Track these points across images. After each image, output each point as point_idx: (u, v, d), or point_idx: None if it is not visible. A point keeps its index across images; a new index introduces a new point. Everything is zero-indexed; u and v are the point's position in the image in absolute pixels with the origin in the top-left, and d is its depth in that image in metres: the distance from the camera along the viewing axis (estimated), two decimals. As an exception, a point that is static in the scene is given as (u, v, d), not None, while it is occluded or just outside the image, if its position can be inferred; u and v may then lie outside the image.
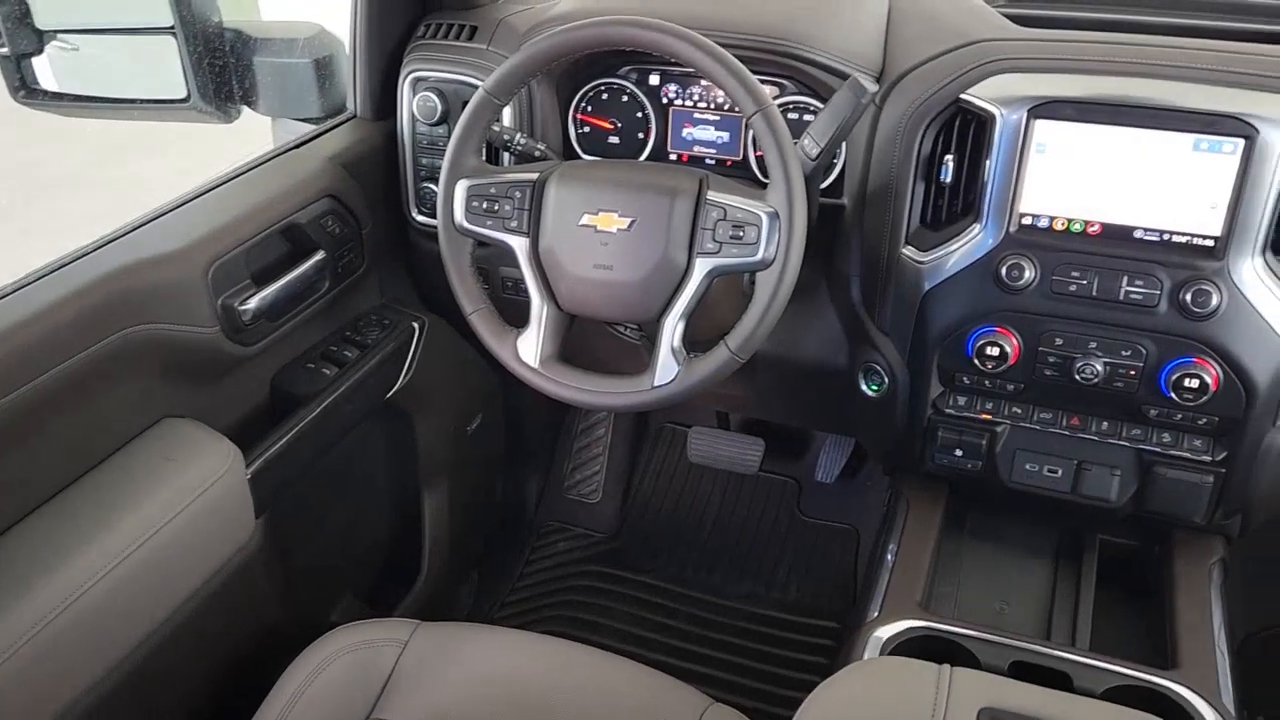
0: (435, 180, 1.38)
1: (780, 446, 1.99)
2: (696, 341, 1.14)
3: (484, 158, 1.20)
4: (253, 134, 1.59)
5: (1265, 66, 1.05)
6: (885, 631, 1.13)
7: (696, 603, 1.87)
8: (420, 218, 1.45)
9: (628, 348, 1.42)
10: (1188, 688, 1.04)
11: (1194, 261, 1.08)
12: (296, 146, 1.39)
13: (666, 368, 1.11)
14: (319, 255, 1.31)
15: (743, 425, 2.02)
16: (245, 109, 1.47)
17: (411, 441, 1.58)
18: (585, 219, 1.11)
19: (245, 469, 1.16)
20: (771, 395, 1.53)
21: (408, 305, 1.53)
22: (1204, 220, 1.07)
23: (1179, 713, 1.02)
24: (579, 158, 1.38)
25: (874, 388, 1.30)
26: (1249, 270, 1.06)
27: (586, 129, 1.38)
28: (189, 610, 1.13)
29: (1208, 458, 1.16)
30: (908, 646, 1.12)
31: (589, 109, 1.37)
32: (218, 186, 1.27)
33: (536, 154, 1.29)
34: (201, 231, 1.17)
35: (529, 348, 1.16)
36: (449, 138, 1.17)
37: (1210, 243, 1.07)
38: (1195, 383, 1.09)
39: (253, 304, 1.20)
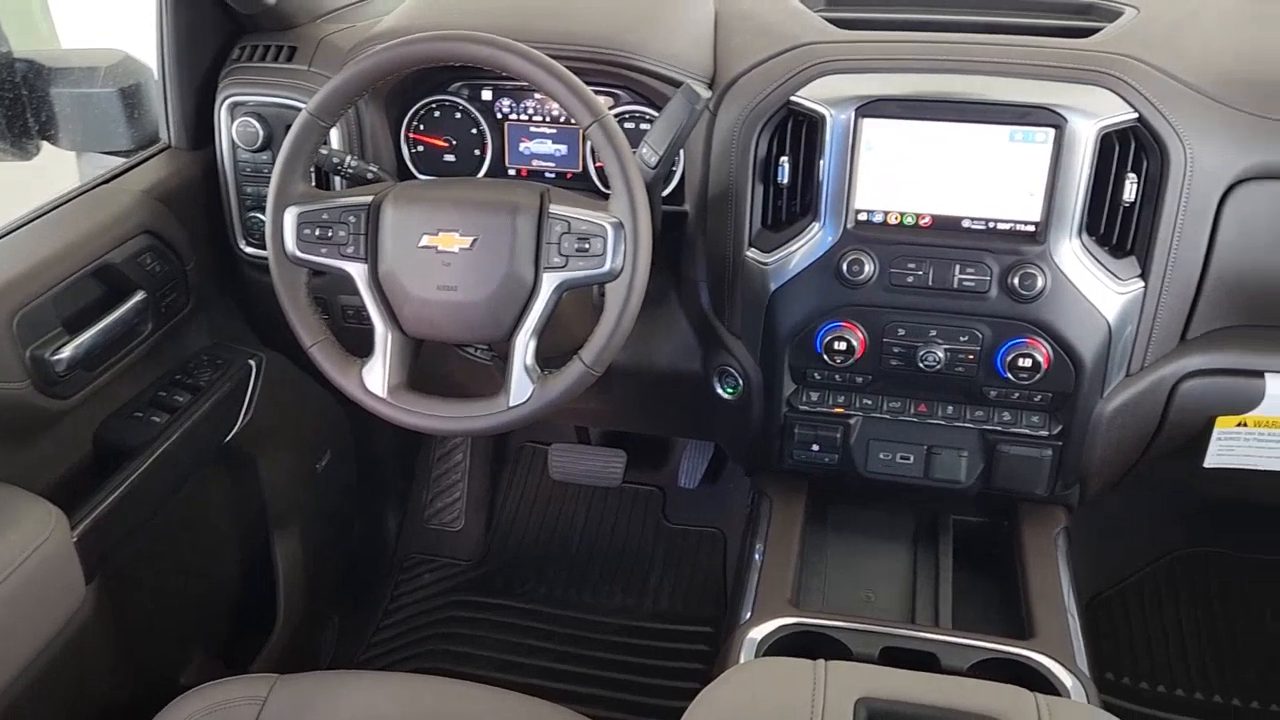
0: (262, 209, 1.31)
1: (642, 456, 1.99)
2: (550, 358, 1.12)
3: (313, 183, 1.15)
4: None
5: (1070, 60, 1.12)
6: (758, 632, 1.13)
7: (570, 621, 1.84)
8: (249, 249, 1.38)
9: (480, 369, 1.38)
10: (1045, 655, 1.09)
11: (1018, 247, 1.13)
12: (106, 181, 1.30)
13: (521, 387, 1.09)
14: (138, 296, 1.22)
15: (603, 438, 2.01)
16: (47, 144, 1.36)
17: (257, 485, 1.50)
18: (425, 240, 1.08)
19: (70, 532, 1.07)
20: (629, 406, 1.52)
21: (242, 343, 1.45)
22: (1025, 207, 1.12)
23: (1039, 679, 1.06)
24: (414, 178, 1.34)
25: (729, 390, 1.31)
26: (1068, 252, 1.12)
27: (420, 148, 1.34)
28: (18, 691, 1.03)
29: (1045, 433, 1.22)
30: (781, 645, 1.12)
31: (421, 127, 1.34)
32: (17, 229, 1.17)
33: (369, 176, 1.25)
34: (0, 279, 1.07)
35: (375, 377, 1.11)
36: (274, 164, 1.11)
37: (1032, 228, 1.12)
38: (1028, 362, 1.14)
39: (66, 353, 1.11)
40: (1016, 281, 1.12)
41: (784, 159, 1.17)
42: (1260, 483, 1.26)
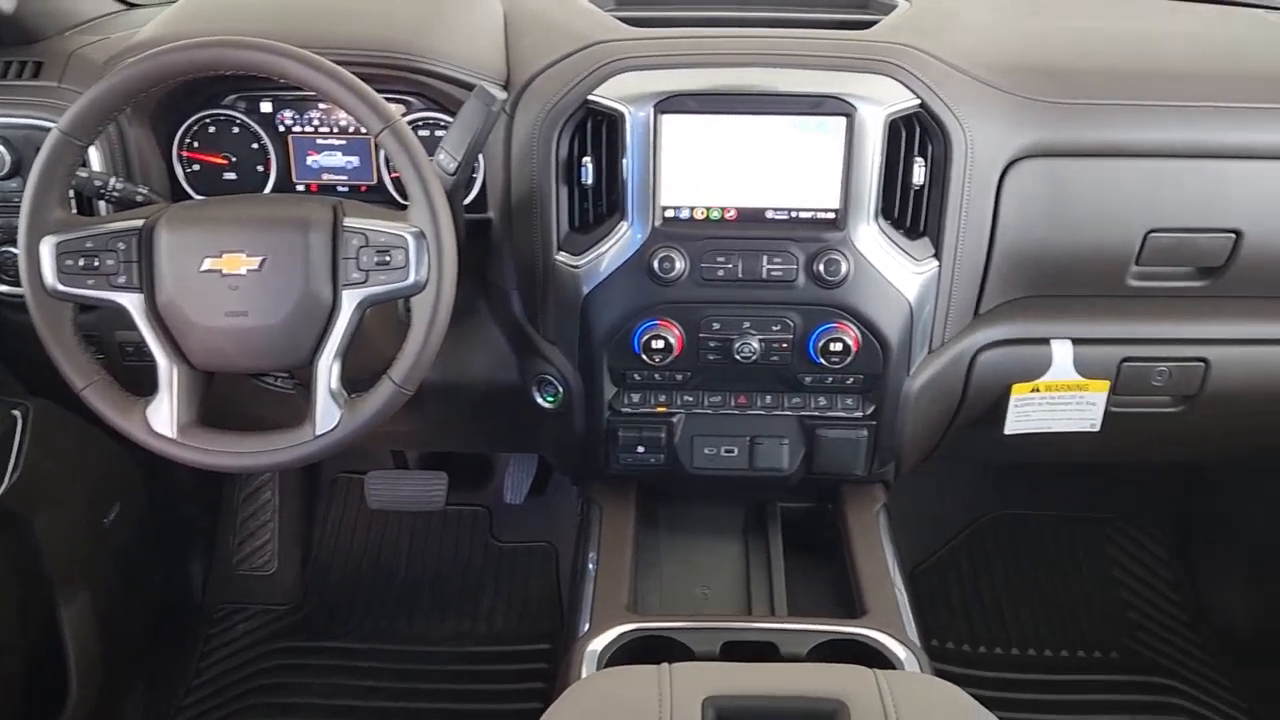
0: (14, 242, 1.17)
1: (464, 476, 1.92)
2: (357, 380, 1.06)
3: (74, 209, 1.04)
4: None
5: (854, 50, 1.15)
6: (598, 643, 1.11)
7: (401, 655, 1.76)
8: (1, 288, 1.24)
9: (282, 399, 1.30)
10: (877, 630, 1.11)
11: (821, 234, 1.15)
12: None
13: (327, 413, 1.02)
14: None
15: (421, 461, 1.94)
16: None
17: (34, 547, 1.35)
18: (208, 264, 0.99)
19: None
20: (446, 424, 1.47)
21: (4, 391, 1.30)
22: (823, 195, 1.14)
23: (875, 656, 1.08)
24: (191, 199, 1.24)
25: (549, 399, 1.28)
26: (867, 237, 1.15)
27: (196, 167, 1.25)
28: None
29: (859, 414, 1.25)
30: (623, 653, 1.10)
31: (195, 144, 1.24)
32: None
33: (139, 199, 1.14)
34: None
35: (162, 417, 1.02)
36: (25, 191, 1.00)
37: (832, 215, 1.15)
38: (839, 346, 1.17)
39: None
40: (822, 268, 1.15)
41: (587, 159, 1.15)
42: (1055, 444, 1.34)
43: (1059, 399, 1.29)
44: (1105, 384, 1.28)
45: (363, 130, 1.22)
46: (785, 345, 1.19)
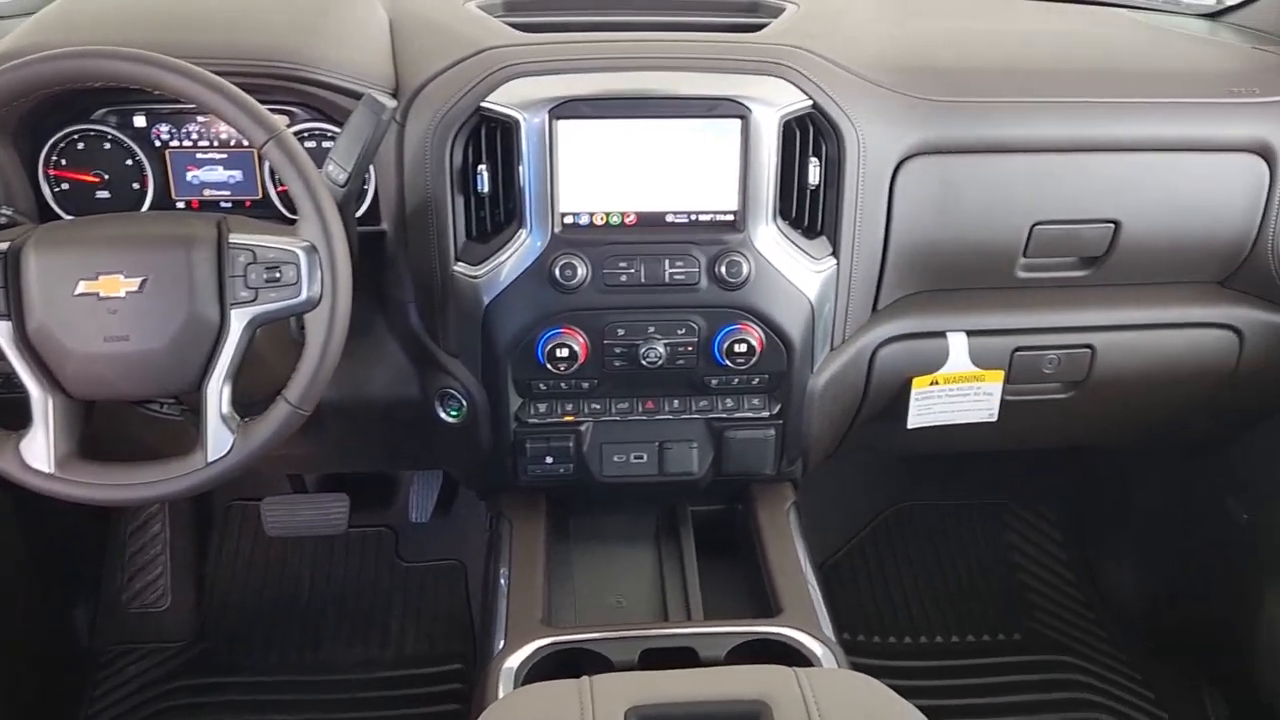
0: None
1: (366, 497, 1.87)
2: (250, 403, 1.01)
3: (-71, 233, 0.97)
4: None
5: (747, 53, 1.16)
6: (514, 660, 1.08)
7: (308, 686, 1.70)
8: None
9: (170, 426, 1.23)
10: (793, 628, 1.12)
11: (721, 236, 1.15)
12: None
13: (219, 439, 0.98)
14: None
15: (321, 483, 1.87)
16: None
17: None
18: (83, 286, 0.94)
19: None
20: (345, 444, 1.42)
21: None
22: (722, 197, 1.14)
23: (793, 653, 1.08)
24: (61, 219, 1.17)
25: (453, 413, 1.25)
26: (766, 237, 1.16)
27: (65, 185, 1.18)
28: None
29: (766, 413, 1.26)
30: (540, 668, 1.08)
31: (63, 162, 1.17)
32: None
33: (2, 220, 1.08)
34: None
35: (38, 450, 0.96)
36: None
37: (731, 217, 1.15)
38: (744, 347, 1.17)
39: None
40: (724, 270, 1.15)
41: (482, 167, 1.13)
42: (956, 435, 1.37)
43: (957, 390, 1.32)
44: (1000, 374, 1.32)
45: (245, 143, 1.17)
46: (690, 348, 1.18)
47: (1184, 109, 1.22)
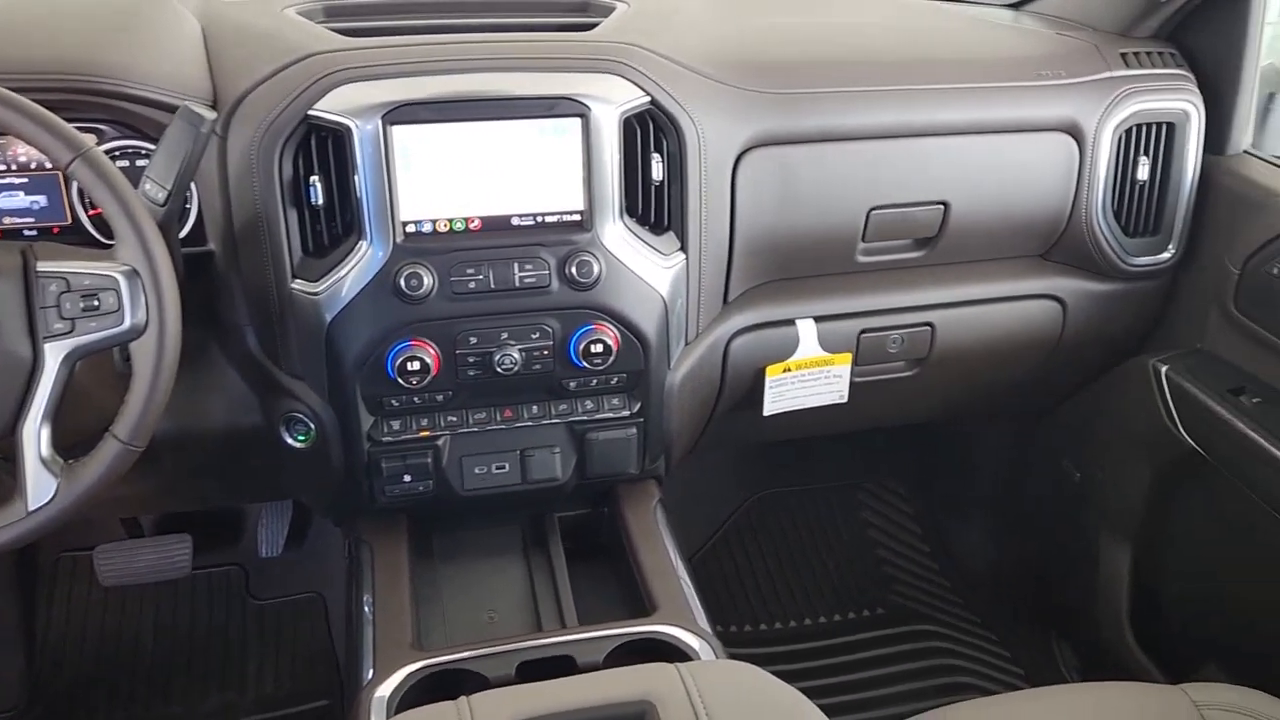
0: None
1: (211, 535, 1.77)
2: (75, 443, 0.94)
3: None
4: None
5: (582, 51, 1.15)
6: (385, 689, 1.04)
7: (160, 743, 1.59)
8: None
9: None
10: (669, 625, 1.11)
11: (569, 237, 1.14)
12: None
13: (40, 484, 0.90)
14: None
15: (160, 524, 1.75)
16: None
17: None
18: None
19: None
20: (184, 480, 1.33)
21: None
22: (568, 197, 1.13)
23: (672, 650, 1.08)
24: None
25: (300, 438, 1.19)
26: (614, 235, 1.15)
27: None
28: None
29: (626, 412, 1.25)
30: (415, 693, 1.04)
31: None
32: None
33: None
34: None
35: None
36: None
37: (578, 217, 1.14)
38: (600, 347, 1.16)
39: None
40: (574, 271, 1.13)
41: (315, 178, 1.08)
42: (811, 419, 1.40)
43: (809, 375, 1.35)
44: (848, 356, 1.35)
45: (49, 164, 1.08)
46: (546, 352, 1.17)
47: (1000, 93, 1.28)
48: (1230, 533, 1.38)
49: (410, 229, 1.10)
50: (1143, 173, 1.35)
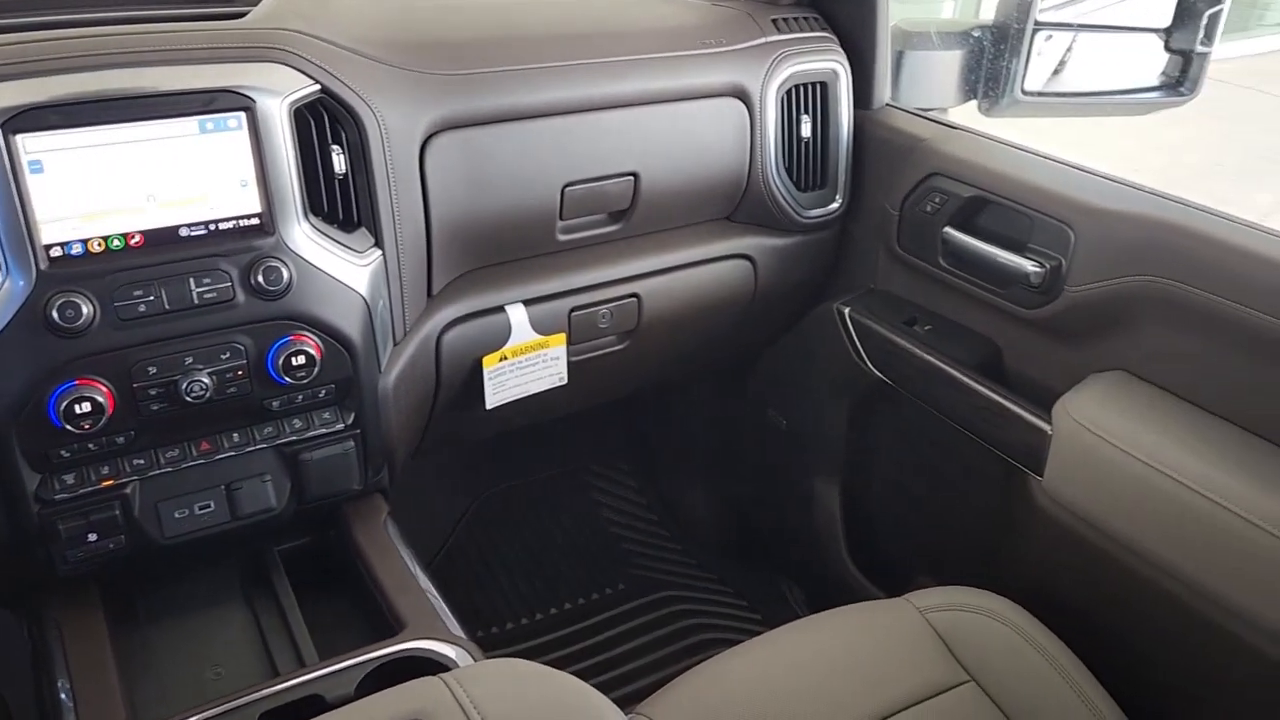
0: None
1: None
2: None
3: None
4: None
5: (237, 40, 1.04)
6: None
7: None
8: None
9: None
10: (423, 639, 1.05)
11: (250, 243, 1.04)
12: None
13: None
14: None
15: None
16: None
17: None
18: None
19: None
20: None
21: None
22: (242, 200, 1.03)
23: (429, 664, 1.02)
24: None
25: (-54, 514, 1.01)
26: (302, 237, 1.06)
27: None
28: None
29: (340, 425, 1.16)
30: None
31: None
32: None
33: None
34: None
35: None
36: None
37: (257, 220, 1.04)
38: (302, 358, 1.07)
39: None
40: (261, 279, 1.04)
41: None
42: (535, 405, 1.38)
43: (526, 361, 1.32)
44: (562, 337, 1.34)
45: None
46: (241, 372, 1.06)
47: (673, 63, 1.32)
48: (920, 450, 1.52)
49: (56, 253, 0.96)
50: (806, 130, 1.44)
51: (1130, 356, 1.20)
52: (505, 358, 1.30)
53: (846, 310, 1.52)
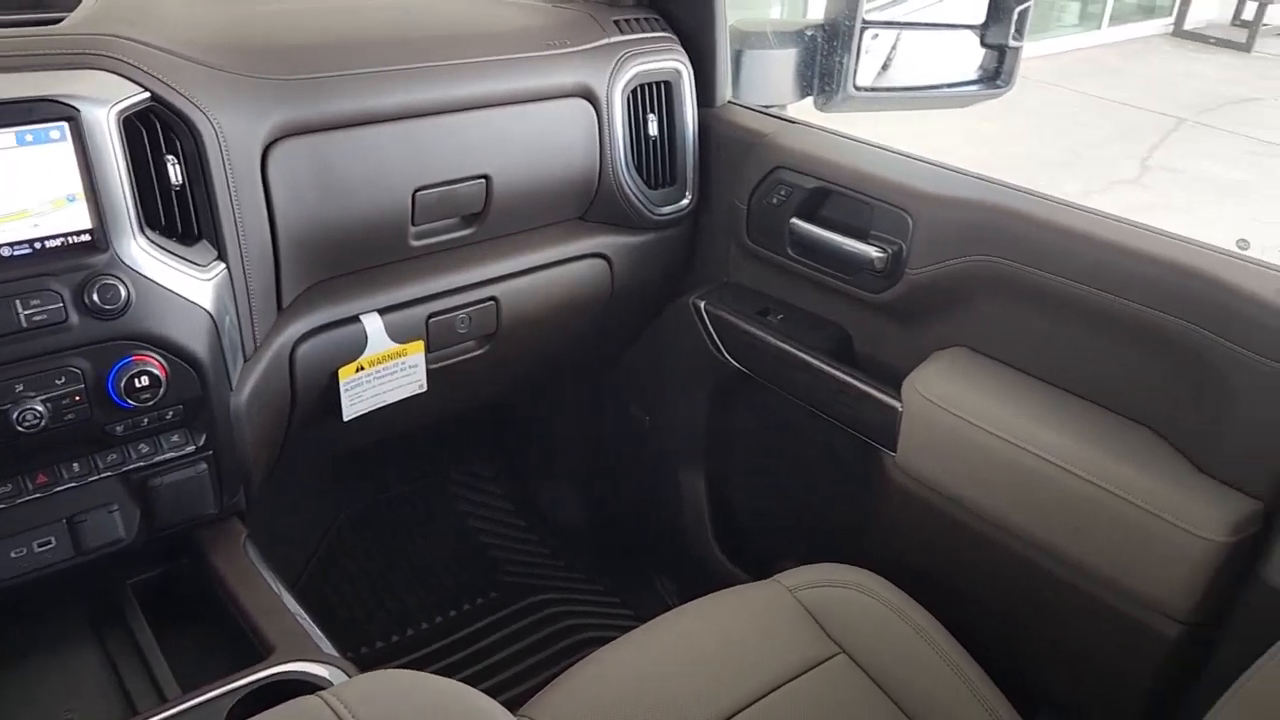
0: None
1: None
2: None
3: None
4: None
5: (54, 46, 0.99)
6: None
7: None
8: None
9: None
10: (294, 661, 1.02)
11: (82, 261, 0.98)
12: None
13: None
14: None
15: None
16: None
17: None
18: None
19: None
20: None
21: None
22: (71, 216, 0.97)
23: (303, 686, 0.99)
24: None
25: None
26: (139, 252, 1.01)
27: None
28: None
29: (191, 448, 1.11)
30: None
31: None
32: None
33: None
34: None
35: None
36: None
37: (88, 236, 0.98)
38: (146, 379, 1.02)
39: None
40: (96, 298, 0.98)
41: None
42: (395, 415, 1.35)
43: (384, 370, 1.30)
44: (420, 344, 1.32)
45: None
46: (79, 398, 1.00)
47: (520, 64, 1.31)
48: (780, 436, 1.57)
49: None
50: (653, 129, 1.46)
51: (969, 332, 1.27)
52: (362, 368, 1.27)
53: (702, 304, 1.55)
